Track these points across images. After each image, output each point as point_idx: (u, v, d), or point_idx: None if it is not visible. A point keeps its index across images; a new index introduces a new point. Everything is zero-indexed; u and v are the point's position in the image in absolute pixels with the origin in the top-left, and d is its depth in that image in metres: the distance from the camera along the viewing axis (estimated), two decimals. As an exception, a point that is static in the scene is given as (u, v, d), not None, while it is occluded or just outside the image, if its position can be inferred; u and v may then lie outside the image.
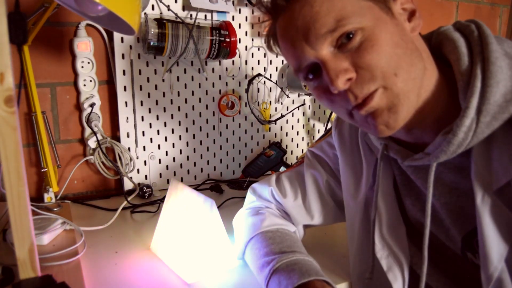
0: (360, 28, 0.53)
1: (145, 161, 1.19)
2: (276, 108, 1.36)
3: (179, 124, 1.23)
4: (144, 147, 1.19)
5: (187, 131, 1.24)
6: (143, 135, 1.18)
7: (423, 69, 0.55)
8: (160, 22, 1.08)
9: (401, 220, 0.67)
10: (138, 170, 1.19)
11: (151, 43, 1.07)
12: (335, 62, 0.53)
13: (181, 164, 1.25)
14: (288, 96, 1.35)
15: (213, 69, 1.24)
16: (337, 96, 0.56)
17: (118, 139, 1.16)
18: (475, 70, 0.53)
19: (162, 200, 1.10)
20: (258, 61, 1.30)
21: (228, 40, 1.15)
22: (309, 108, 1.41)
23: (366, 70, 0.53)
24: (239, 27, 1.24)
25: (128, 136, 1.16)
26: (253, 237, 0.75)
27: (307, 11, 0.54)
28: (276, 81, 1.33)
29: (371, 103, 0.53)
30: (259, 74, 1.28)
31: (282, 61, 1.33)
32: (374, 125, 0.56)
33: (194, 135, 1.25)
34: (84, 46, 1.08)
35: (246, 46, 1.27)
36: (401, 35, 0.54)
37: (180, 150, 1.24)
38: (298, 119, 1.40)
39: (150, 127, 1.18)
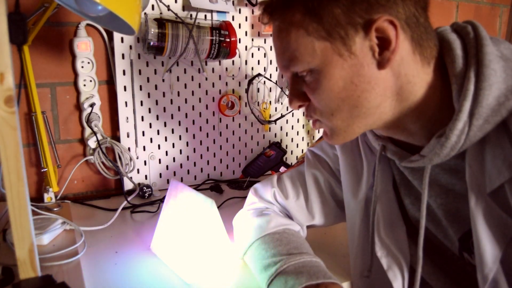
0: (309, 70, 0.57)
1: (145, 161, 1.19)
2: (276, 108, 1.36)
3: (179, 124, 1.23)
4: (144, 147, 1.19)
5: (187, 131, 1.24)
6: (143, 135, 1.18)
7: (382, 101, 0.56)
8: (160, 22, 1.08)
9: (401, 219, 0.67)
10: (138, 170, 1.19)
11: (151, 43, 1.07)
12: (293, 87, 0.61)
13: (181, 164, 1.25)
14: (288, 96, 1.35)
15: (213, 69, 1.24)
16: None
17: (118, 139, 1.16)
18: (469, 72, 0.53)
19: (162, 200, 1.10)
20: (258, 61, 1.30)
21: (228, 40, 1.15)
22: (309, 108, 1.41)
23: (311, 105, 0.60)
24: (239, 27, 1.24)
25: (128, 136, 1.16)
26: (259, 238, 0.75)
27: (275, 41, 0.60)
28: (276, 81, 1.33)
29: (314, 127, 0.63)
30: (259, 74, 1.28)
31: (282, 61, 1.33)
32: None
33: (194, 135, 1.25)
34: (84, 46, 1.08)
35: (246, 46, 1.27)
36: (354, 76, 0.55)
37: (180, 150, 1.24)
38: (298, 119, 1.40)
39: (150, 127, 1.18)
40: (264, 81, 1.31)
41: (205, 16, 1.19)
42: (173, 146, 1.23)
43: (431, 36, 0.57)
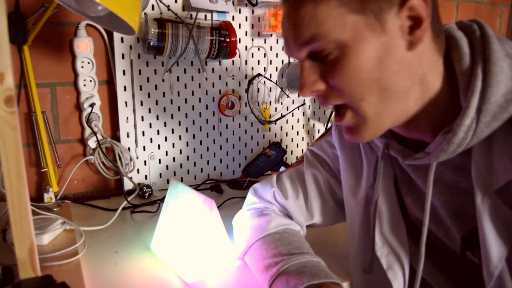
0: (337, 46, 0.52)
1: (145, 161, 1.19)
2: (276, 108, 1.36)
3: (179, 124, 1.23)
4: (144, 147, 1.19)
5: (187, 131, 1.24)
6: (143, 135, 1.18)
7: (410, 87, 0.55)
8: (160, 22, 1.08)
9: (401, 218, 0.67)
10: (138, 170, 1.19)
11: (151, 43, 1.07)
12: (308, 71, 0.56)
13: (181, 164, 1.25)
14: (288, 96, 1.35)
15: (213, 69, 1.24)
16: None
17: (118, 139, 1.16)
18: (476, 70, 0.53)
19: (162, 200, 1.10)
20: (258, 61, 1.30)
21: (228, 40, 1.15)
22: (309, 108, 1.41)
23: (334, 88, 0.55)
24: (239, 27, 1.24)
25: (128, 136, 1.16)
26: (260, 238, 0.75)
27: (293, 17, 0.54)
28: (276, 81, 1.33)
29: (341, 121, 0.57)
30: (259, 74, 1.28)
31: (282, 61, 1.33)
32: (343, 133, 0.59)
33: (194, 135, 1.25)
34: (84, 46, 1.08)
35: (246, 46, 1.27)
36: (383, 56, 0.52)
37: (180, 150, 1.24)
38: (298, 119, 1.40)
39: (150, 127, 1.18)
40: (264, 81, 1.31)
41: (205, 16, 1.19)
42: (173, 146, 1.23)
43: (443, 30, 0.57)
